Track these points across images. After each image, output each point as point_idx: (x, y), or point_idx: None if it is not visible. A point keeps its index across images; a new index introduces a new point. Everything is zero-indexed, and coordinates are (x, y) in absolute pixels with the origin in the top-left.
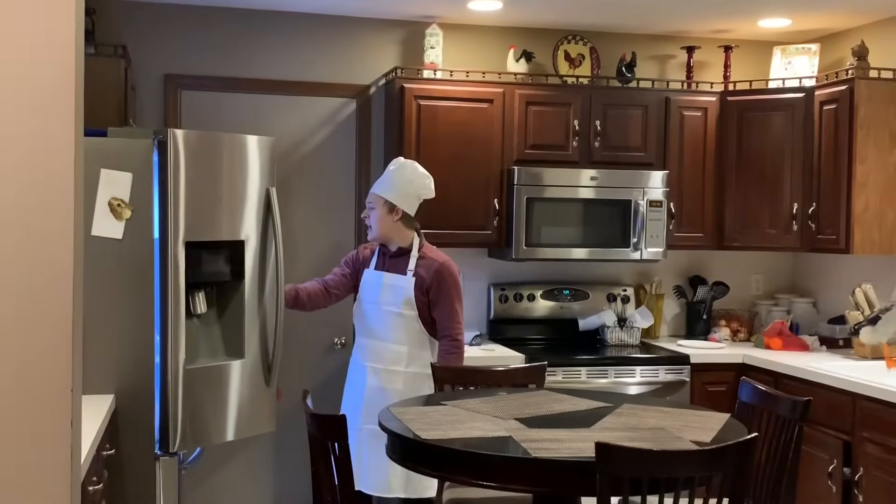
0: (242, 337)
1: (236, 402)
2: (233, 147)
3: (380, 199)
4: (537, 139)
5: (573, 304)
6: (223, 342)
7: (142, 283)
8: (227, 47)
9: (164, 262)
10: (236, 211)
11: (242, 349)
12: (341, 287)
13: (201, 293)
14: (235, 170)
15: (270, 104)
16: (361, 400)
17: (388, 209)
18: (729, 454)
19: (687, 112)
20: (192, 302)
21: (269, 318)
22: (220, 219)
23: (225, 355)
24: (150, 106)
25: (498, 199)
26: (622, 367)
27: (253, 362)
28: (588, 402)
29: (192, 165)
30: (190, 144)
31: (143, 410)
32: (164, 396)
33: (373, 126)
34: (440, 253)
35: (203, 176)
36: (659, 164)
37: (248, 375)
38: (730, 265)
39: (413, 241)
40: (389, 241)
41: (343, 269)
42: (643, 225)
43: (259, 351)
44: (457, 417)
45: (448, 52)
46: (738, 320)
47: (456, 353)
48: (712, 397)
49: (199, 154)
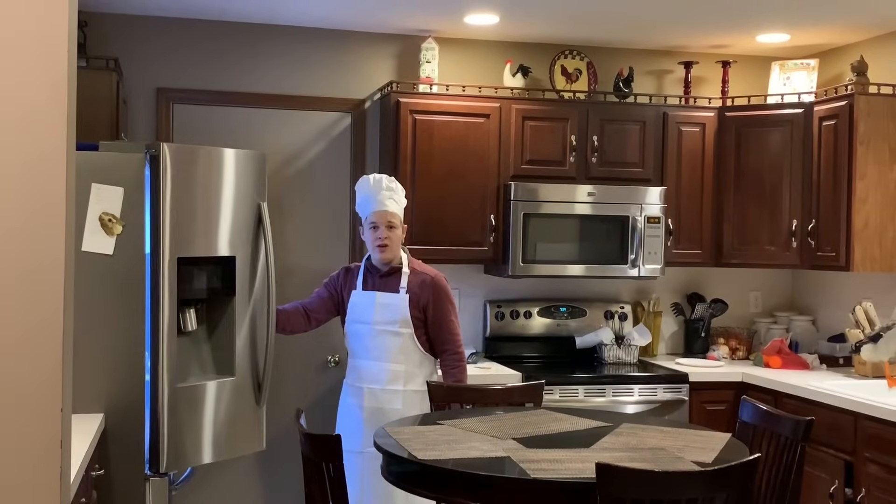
0: (233, 354)
1: (228, 420)
2: (224, 162)
3: (399, 218)
4: (534, 154)
5: (570, 322)
6: (213, 360)
7: (132, 299)
8: (220, 61)
9: (154, 277)
10: (227, 226)
11: (233, 367)
12: (322, 311)
13: (192, 310)
14: (227, 185)
15: (264, 118)
16: (360, 422)
17: (403, 227)
18: (732, 475)
19: (685, 127)
20: (182, 319)
21: (260, 335)
22: (211, 234)
23: (215, 373)
24: (142, 120)
25: (494, 214)
26: (620, 386)
27: (243, 380)
28: (587, 422)
29: (184, 180)
30: (182, 159)
31: (133, 430)
32: (155, 415)
33: (367, 141)
34: (428, 267)
35: (195, 191)
36: (657, 179)
37: (238, 394)
38: (728, 282)
39: (402, 257)
40: (393, 261)
41: (323, 291)
42: (641, 241)
43: (250, 369)
44: (454, 437)
45: (444, 67)
46: (737, 338)
47: (460, 367)
48: (711, 416)
49: (191, 169)
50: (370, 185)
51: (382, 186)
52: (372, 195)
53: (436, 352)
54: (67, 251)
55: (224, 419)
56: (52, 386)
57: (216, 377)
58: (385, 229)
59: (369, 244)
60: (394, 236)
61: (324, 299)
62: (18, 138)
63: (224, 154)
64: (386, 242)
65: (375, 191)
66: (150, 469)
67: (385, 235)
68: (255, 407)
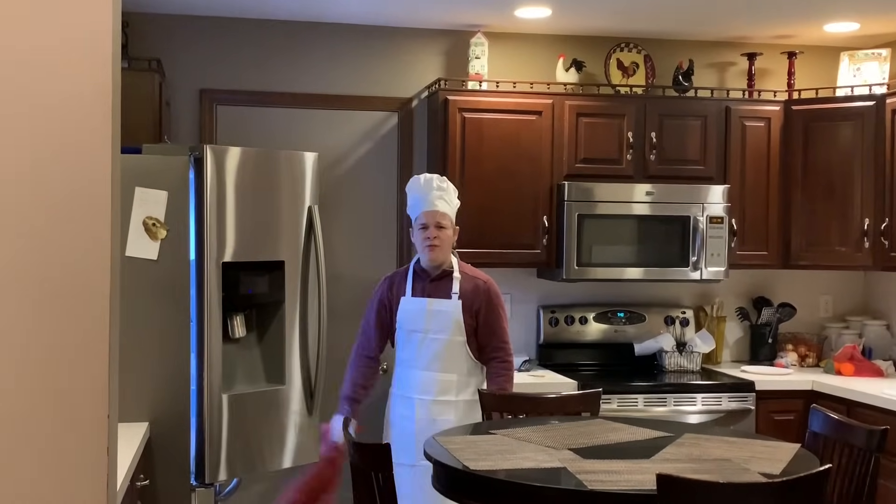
0: (283, 362)
1: (278, 430)
2: (272, 163)
3: (450, 219)
4: (589, 152)
5: (628, 328)
6: (263, 368)
7: (178, 305)
8: (263, 60)
9: (200, 283)
10: (276, 230)
11: (284, 375)
12: (383, 343)
13: (240, 316)
14: (275, 187)
15: (308, 119)
16: (412, 435)
17: (454, 229)
18: (801, 487)
19: (749, 122)
20: (230, 325)
21: (312, 342)
22: (259, 238)
23: (265, 381)
24: (185, 122)
25: (547, 216)
26: (682, 395)
27: (295, 389)
28: (646, 432)
29: (230, 183)
30: (227, 161)
31: (179, 439)
32: (201, 424)
33: (415, 141)
34: (479, 271)
35: (241, 194)
36: (719, 177)
37: (289, 403)
38: (796, 285)
39: (452, 261)
40: (444, 264)
41: (373, 318)
42: (703, 242)
43: (301, 377)
44: (507, 447)
45: (494, 63)
46: (806, 344)
47: (507, 375)
48: (779, 426)
49: (237, 171)
50: (420, 184)
51: (433, 186)
52: (422, 195)
53: (484, 359)
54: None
55: (274, 428)
56: (98, 393)
57: (266, 385)
58: (435, 229)
59: (418, 245)
60: (444, 237)
61: (380, 330)
62: (63, 142)
63: (272, 155)
64: (436, 243)
65: (426, 190)
66: (196, 479)
67: (434, 235)
68: (306, 416)
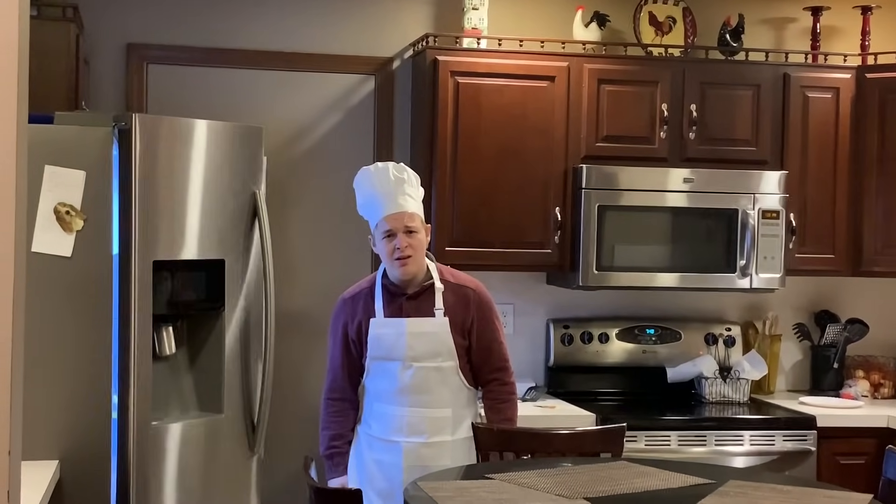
0: (221, 386)
1: (212, 470)
2: (213, 138)
3: (420, 218)
4: (613, 129)
5: (659, 348)
6: (196, 393)
7: (96, 314)
8: (206, 9)
9: (124, 287)
10: (214, 222)
11: (221, 402)
12: (358, 380)
13: (169, 328)
14: (216, 167)
15: (264, 82)
16: (399, 486)
17: (425, 228)
18: None
19: (812, 93)
20: (157, 339)
21: (255, 362)
22: (195, 231)
23: (198, 409)
24: (108, 84)
25: (560, 207)
26: (726, 432)
27: (233, 420)
28: (681, 478)
29: (163, 162)
30: (160, 134)
31: (96, 479)
32: (123, 462)
33: (396, 111)
34: (463, 275)
35: (176, 175)
36: (775, 162)
37: (226, 436)
38: (869, 297)
39: (429, 267)
40: (418, 275)
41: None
42: (754, 243)
43: (242, 405)
44: (508, 496)
45: (496, 15)
46: (881, 370)
47: (510, 401)
48: (846, 472)
49: (172, 147)
50: (374, 180)
51: (391, 179)
52: (380, 193)
53: (478, 382)
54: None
55: (208, 468)
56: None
57: (198, 415)
58: (404, 236)
59: (384, 258)
60: (416, 244)
61: (350, 366)
62: None
63: (213, 128)
64: (408, 253)
65: (384, 186)
66: None
67: (406, 244)
68: (246, 454)
